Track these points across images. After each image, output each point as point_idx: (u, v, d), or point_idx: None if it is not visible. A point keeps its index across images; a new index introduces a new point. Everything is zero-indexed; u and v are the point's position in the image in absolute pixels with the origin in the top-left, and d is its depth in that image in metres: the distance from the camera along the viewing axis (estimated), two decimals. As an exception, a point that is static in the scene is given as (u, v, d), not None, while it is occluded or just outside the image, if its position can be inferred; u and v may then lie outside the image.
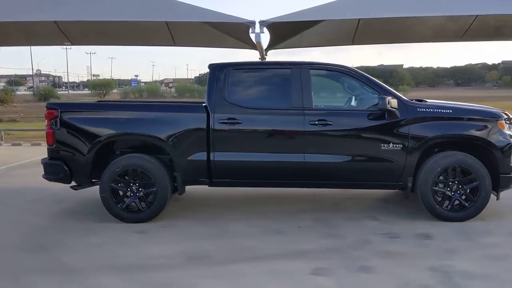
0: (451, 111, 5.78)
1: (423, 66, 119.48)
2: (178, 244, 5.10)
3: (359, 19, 10.00)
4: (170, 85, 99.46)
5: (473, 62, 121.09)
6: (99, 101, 8.47)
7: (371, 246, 4.95)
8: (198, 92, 68.96)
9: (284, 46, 11.77)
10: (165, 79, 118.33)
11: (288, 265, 4.45)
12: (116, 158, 5.87)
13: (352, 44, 12.31)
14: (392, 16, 8.71)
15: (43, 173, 6.10)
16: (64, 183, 6.08)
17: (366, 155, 5.76)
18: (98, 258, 4.74)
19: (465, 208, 5.71)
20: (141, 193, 5.81)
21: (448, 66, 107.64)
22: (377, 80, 5.93)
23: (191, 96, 61.66)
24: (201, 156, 5.81)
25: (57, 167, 5.91)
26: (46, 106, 6.01)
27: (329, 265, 4.41)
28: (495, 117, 5.76)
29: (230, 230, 5.58)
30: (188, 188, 6.37)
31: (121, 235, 5.41)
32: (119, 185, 5.84)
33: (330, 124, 5.72)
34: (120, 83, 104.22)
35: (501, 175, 5.69)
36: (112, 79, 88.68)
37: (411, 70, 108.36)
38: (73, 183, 6.10)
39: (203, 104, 5.88)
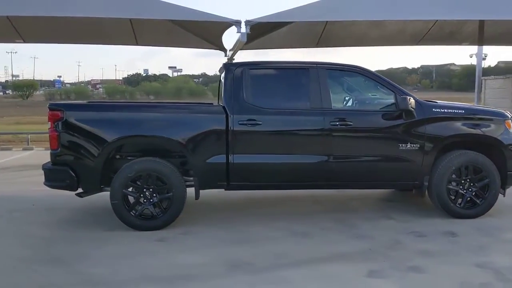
0: (463, 111, 5.93)
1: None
2: (209, 251, 4.85)
3: (326, 22, 10.11)
4: (98, 86, 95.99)
5: (395, 66, 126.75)
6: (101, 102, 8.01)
7: (404, 246, 4.95)
8: (128, 93, 67.19)
9: (251, 47, 11.76)
10: (92, 80, 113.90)
11: (338, 269, 4.35)
12: (127, 163, 5.52)
13: (316, 46, 12.51)
14: (356, 19, 8.88)
15: (45, 181, 5.63)
16: (70, 190, 5.64)
17: (385, 155, 5.78)
18: (129, 269, 4.40)
19: (476, 205, 5.88)
20: (156, 199, 5.50)
21: (372, 70, 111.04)
22: (391, 81, 5.97)
23: (122, 98, 59.83)
24: (220, 158, 5.58)
25: (63, 173, 5.46)
26: (48, 107, 5.55)
27: (380, 267, 4.37)
28: (503, 117, 5.98)
29: (253, 234, 5.40)
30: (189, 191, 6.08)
31: (142, 244, 5.08)
32: (132, 191, 5.50)
33: (350, 125, 5.70)
34: (42, 84, 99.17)
35: (508, 172, 5.92)
36: (34, 80, 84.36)
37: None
38: (78, 190, 5.66)
39: (221, 105, 5.67)
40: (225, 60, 10.49)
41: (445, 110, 5.88)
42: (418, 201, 6.67)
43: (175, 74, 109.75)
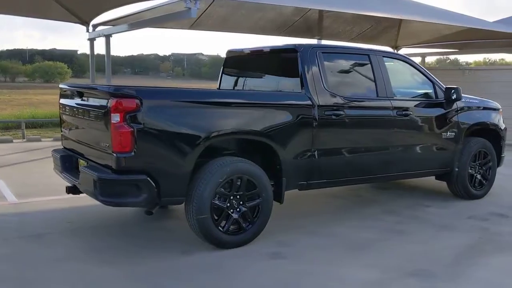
0: (477, 102, 6.45)
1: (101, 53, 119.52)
2: (361, 262, 4.20)
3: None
4: None
5: (146, 53, 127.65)
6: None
7: (493, 232, 5.14)
8: None
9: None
10: None
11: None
12: (212, 165, 4.32)
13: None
14: None
15: (100, 196, 3.99)
16: (145, 207, 4.17)
17: (433, 144, 5.92)
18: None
19: (483, 186, 6.52)
20: (244, 208, 4.47)
21: (123, 55, 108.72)
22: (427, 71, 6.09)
23: None
24: (306, 154, 4.87)
25: (138, 184, 3.97)
26: (113, 93, 3.94)
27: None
28: (499, 107, 6.72)
29: (364, 238, 4.86)
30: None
31: (264, 266, 4.10)
32: (221, 200, 4.36)
33: (410, 114, 5.62)
34: None
35: (502, 155, 6.73)
36: None
37: (86, 56, 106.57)
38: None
39: (304, 93, 4.90)
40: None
41: (468, 101, 6.29)
42: (417, 187, 7.00)
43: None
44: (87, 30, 11.88)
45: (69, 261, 4.12)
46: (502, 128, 6.67)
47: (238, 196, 4.42)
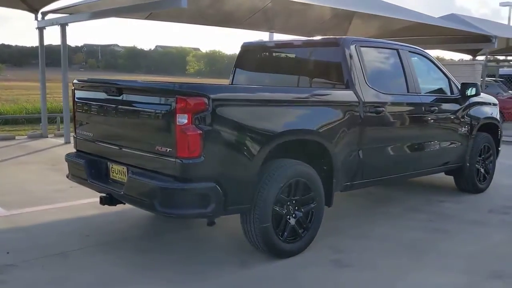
0: (483, 97, 6.54)
1: (6, 44, 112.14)
2: (427, 266, 4.03)
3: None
4: None
5: (55, 43, 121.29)
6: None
7: None
8: None
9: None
10: None
11: None
12: (273, 169, 3.95)
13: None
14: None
15: (161, 207, 3.49)
16: (211, 218, 3.71)
17: (452, 139, 5.92)
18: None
19: (486, 179, 6.66)
20: (300, 213, 4.16)
21: (30, 46, 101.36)
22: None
23: None
24: (353, 154, 4.63)
25: (207, 193, 3.52)
26: (180, 91, 3.45)
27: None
28: (497, 102, 6.88)
29: (411, 238, 4.70)
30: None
31: (338, 274, 3.83)
32: (280, 206, 4.01)
33: (435, 110, 5.56)
34: None
35: (498, 149, 6.91)
36: None
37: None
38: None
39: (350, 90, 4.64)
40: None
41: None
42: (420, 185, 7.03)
43: None
44: (36, 18, 10.88)
45: (123, 285, 3.58)
46: (500, 122, 6.85)
47: (294, 201, 4.10)
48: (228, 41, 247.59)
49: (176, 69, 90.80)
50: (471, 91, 5.85)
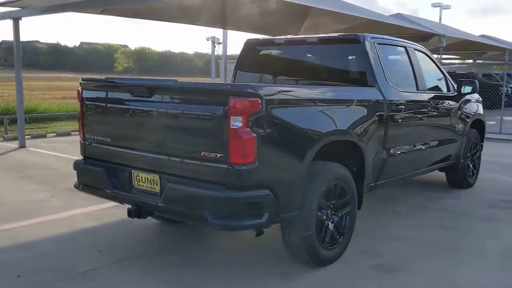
0: (472, 95, 6.65)
1: None
2: (473, 265, 3.97)
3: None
4: None
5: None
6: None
7: None
8: None
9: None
10: None
11: None
12: (316, 172, 3.73)
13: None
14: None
15: (212, 219, 3.16)
16: (263, 228, 3.40)
17: (451, 137, 5.94)
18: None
19: (474, 175, 6.81)
20: (337, 218, 3.97)
21: None
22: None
23: None
24: (380, 154, 4.51)
25: (262, 201, 3.23)
26: (235, 91, 3.13)
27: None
28: (480, 99, 7.04)
29: (437, 238, 4.65)
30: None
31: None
32: (321, 212, 3.80)
33: (440, 108, 5.57)
34: None
35: (481, 144, 7.08)
36: None
37: None
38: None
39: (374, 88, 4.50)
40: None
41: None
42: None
43: None
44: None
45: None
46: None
47: (331, 206, 3.91)
48: (157, 37, 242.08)
49: (104, 67, 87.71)
50: (466, 89, 5.91)
